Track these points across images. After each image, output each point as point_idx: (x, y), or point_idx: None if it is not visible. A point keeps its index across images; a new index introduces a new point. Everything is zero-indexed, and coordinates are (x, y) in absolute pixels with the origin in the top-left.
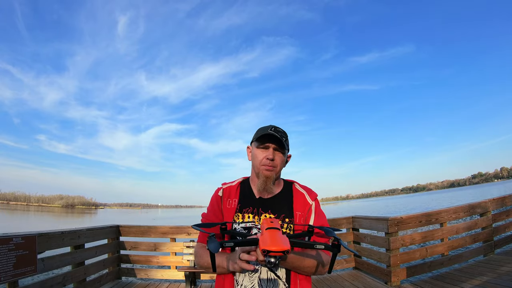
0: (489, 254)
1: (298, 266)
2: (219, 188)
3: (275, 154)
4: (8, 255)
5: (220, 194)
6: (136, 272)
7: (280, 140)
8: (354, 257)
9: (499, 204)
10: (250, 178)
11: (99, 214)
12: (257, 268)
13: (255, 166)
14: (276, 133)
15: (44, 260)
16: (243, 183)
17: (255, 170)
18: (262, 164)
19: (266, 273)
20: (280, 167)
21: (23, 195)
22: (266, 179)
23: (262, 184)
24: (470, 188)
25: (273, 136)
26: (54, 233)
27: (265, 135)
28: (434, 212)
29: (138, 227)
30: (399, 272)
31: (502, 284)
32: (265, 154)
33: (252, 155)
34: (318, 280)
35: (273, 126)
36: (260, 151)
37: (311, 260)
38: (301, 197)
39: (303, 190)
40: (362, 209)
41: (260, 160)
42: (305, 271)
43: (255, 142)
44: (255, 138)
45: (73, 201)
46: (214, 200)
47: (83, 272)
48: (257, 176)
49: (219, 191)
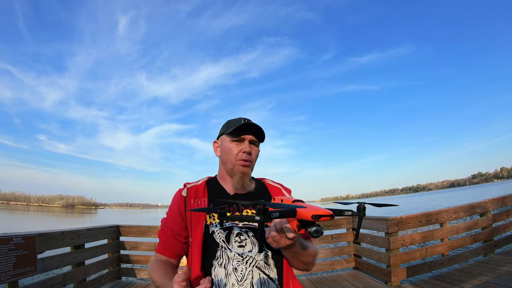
0: (489, 254)
1: (301, 251)
2: (182, 188)
3: (251, 148)
4: (8, 255)
5: (184, 194)
6: (136, 272)
7: (258, 131)
8: (354, 257)
9: (499, 204)
10: (218, 175)
11: (99, 214)
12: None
13: (228, 162)
14: (252, 123)
15: (44, 260)
16: (209, 182)
17: (227, 166)
18: (239, 159)
19: (259, 276)
20: (255, 163)
21: (23, 195)
22: (243, 175)
23: (239, 181)
24: (470, 188)
25: (249, 126)
26: (54, 233)
27: (240, 126)
28: (434, 212)
29: (138, 227)
30: (399, 272)
31: (502, 284)
32: (240, 148)
33: (224, 149)
34: (318, 280)
35: (245, 118)
36: (234, 144)
37: (311, 249)
38: (277, 190)
39: (277, 185)
40: None
41: (236, 154)
42: (302, 260)
43: (227, 135)
44: (226, 130)
45: (73, 201)
46: (175, 203)
47: (83, 272)
48: (230, 173)
49: (183, 191)
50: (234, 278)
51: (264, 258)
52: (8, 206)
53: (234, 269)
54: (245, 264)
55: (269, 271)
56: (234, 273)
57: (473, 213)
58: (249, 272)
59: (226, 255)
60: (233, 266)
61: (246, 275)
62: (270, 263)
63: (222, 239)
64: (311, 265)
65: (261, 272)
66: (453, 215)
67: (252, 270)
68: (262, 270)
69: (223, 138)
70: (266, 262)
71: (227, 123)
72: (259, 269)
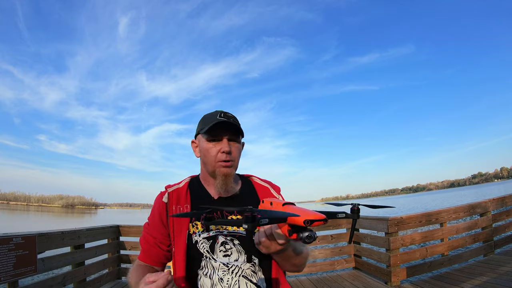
0: (489, 254)
1: (291, 255)
2: (163, 192)
3: (231, 146)
4: (8, 255)
5: (165, 200)
6: None
7: (235, 127)
8: (354, 257)
9: (499, 204)
10: (201, 177)
11: (99, 214)
12: None
13: (208, 164)
14: (227, 118)
15: (44, 260)
16: (192, 184)
17: (208, 168)
18: (218, 160)
19: (246, 285)
20: (238, 159)
21: (23, 195)
22: (225, 177)
23: (222, 184)
24: (470, 188)
25: (225, 123)
26: (54, 233)
27: (215, 125)
28: (434, 212)
29: (138, 227)
30: (399, 272)
31: (502, 284)
32: (219, 147)
33: (202, 150)
34: (318, 280)
35: (221, 111)
36: (211, 144)
37: (302, 251)
38: (265, 191)
39: (265, 184)
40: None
41: (214, 155)
42: (294, 263)
43: (203, 134)
44: (202, 129)
45: (73, 201)
46: (156, 208)
47: (83, 272)
48: (212, 175)
49: (163, 196)
50: (220, 287)
51: (251, 267)
52: (8, 206)
53: (220, 279)
54: (231, 274)
55: (256, 279)
56: (220, 283)
57: (473, 213)
58: (236, 282)
59: (211, 265)
60: (218, 276)
61: (232, 285)
62: (257, 271)
63: (206, 249)
64: (303, 267)
65: (248, 281)
66: (453, 215)
67: (238, 280)
68: (249, 279)
69: (200, 138)
70: (253, 270)
71: (202, 119)
72: (245, 278)
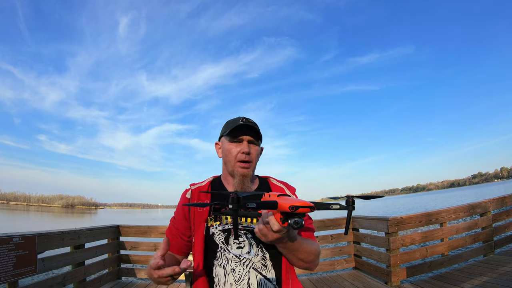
0: (489, 254)
1: (298, 248)
2: (187, 190)
3: (250, 147)
4: (8, 255)
5: (189, 196)
6: (136, 272)
7: (255, 130)
8: (354, 257)
9: (499, 204)
10: (222, 176)
11: (99, 214)
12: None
13: (228, 163)
14: (248, 123)
15: (44, 260)
16: (214, 183)
17: (228, 168)
18: (238, 160)
19: (255, 277)
20: (256, 162)
21: (23, 195)
22: (242, 178)
23: (239, 183)
24: (470, 188)
25: (246, 126)
26: (54, 233)
27: (237, 127)
28: (434, 212)
29: (138, 227)
30: (399, 272)
31: (502, 284)
32: (239, 148)
33: (224, 151)
34: (318, 280)
35: (243, 117)
36: (233, 145)
37: (309, 246)
38: (280, 190)
39: (281, 184)
40: (362, 209)
41: (235, 155)
42: (301, 258)
43: (226, 136)
44: (225, 132)
45: (73, 201)
46: (180, 204)
47: (83, 272)
48: (231, 174)
49: (187, 193)
50: (232, 278)
51: (262, 260)
52: (8, 206)
53: (232, 270)
54: (242, 266)
55: (266, 272)
56: (232, 273)
57: (473, 213)
58: (246, 273)
59: (225, 256)
60: (231, 267)
61: (243, 275)
62: (268, 265)
63: (221, 241)
64: (313, 264)
65: (258, 273)
66: (453, 215)
67: (249, 271)
68: (259, 271)
69: (223, 140)
70: (264, 263)
71: (226, 124)
72: (255, 270)
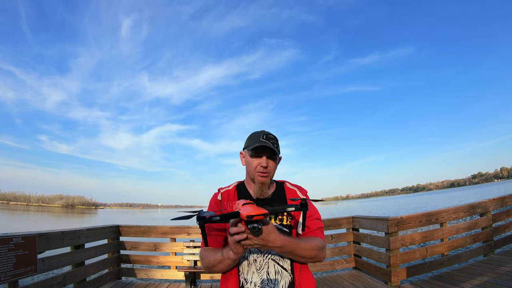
0: (489, 254)
1: (294, 250)
2: (217, 193)
3: (268, 162)
4: (8, 255)
5: (219, 198)
6: (136, 272)
7: (273, 150)
8: (354, 257)
9: (499, 204)
10: (245, 181)
11: (99, 214)
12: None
13: (250, 172)
14: (268, 140)
15: (44, 260)
16: (238, 187)
17: (250, 176)
18: (257, 171)
19: (273, 267)
20: (274, 171)
21: (23, 195)
22: (261, 185)
23: (258, 189)
24: (470, 188)
25: (266, 147)
26: (54, 233)
27: (258, 147)
28: (434, 212)
29: (138, 227)
30: (399, 272)
31: (502, 284)
32: (258, 162)
33: (247, 161)
34: (318, 280)
35: (265, 133)
36: (254, 159)
37: (306, 244)
38: (293, 193)
39: (294, 188)
40: (362, 209)
41: (255, 167)
42: (302, 256)
43: (248, 151)
44: (248, 146)
45: (73, 201)
46: (214, 204)
47: (83, 272)
48: (253, 181)
49: (218, 195)
50: (254, 267)
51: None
52: (8, 206)
53: (254, 260)
54: (262, 257)
55: (283, 262)
56: (254, 263)
57: (473, 213)
58: (266, 263)
59: (248, 249)
60: (253, 257)
61: (263, 265)
62: (284, 256)
63: None
64: (317, 258)
65: (276, 263)
66: (453, 215)
67: (268, 262)
68: (277, 262)
69: (246, 151)
70: (281, 255)
71: (249, 137)
72: (274, 261)
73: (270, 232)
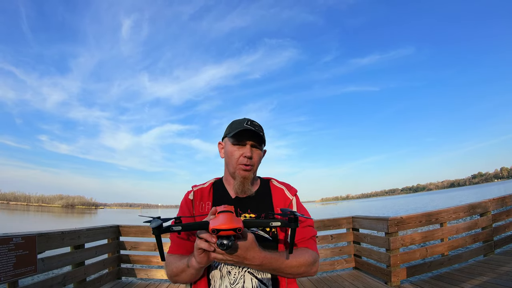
0: (489, 254)
1: (278, 267)
2: (189, 191)
3: (252, 152)
4: (8, 255)
5: (191, 197)
6: (136, 272)
7: (259, 135)
8: (354, 257)
9: (499, 204)
10: (224, 177)
11: (99, 214)
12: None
13: (230, 165)
14: (253, 127)
15: (44, 260)
16: (215, 184)
17: (229, 169)
18: (239, 163)
19: (251, 281)
20: (258, 165)
21: (23, 195)
22: (243, 180)
23: (239, 185)
24: (470, 188)
25: (250, 131)
26: (54, 233)
27: (242, 131)
28: (434, 212)
29: (138, 227)
30: (399, 272)
31: (502, 284)
32: (241, 152)
33: (226, 152)
34: (318, 280)
35: (248, 119)
36: (235, 148)
37: (292, 260)
38: (280, 192)
39: (282, 186)
40: (362, 209)
41: (237, 158)
42: (289, 273)
43: (229, 138)
44: (229, 133)
45: (73, 201)
46: (184, 204)
47: (83, 272)
48: (233, 176)
49: (190, 194)
50: (227, 280)
51: None
52: (8, 206)
53: (228, 272)
54: (238, 269)
55: (262, 275)
56: (228, 276)
57: (473, 213)
58: (241, 276)
59: None
60: (227, 269)
61: (238, 278)
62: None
63: None
64: (307, 274)
65: (253, 277)
66: (453, 215)
67: (244, 275)
68: (255, 275)
69: (226, 141)
70: None
71: (230, 124)
72: (251, 274)
73: (248, 249)
